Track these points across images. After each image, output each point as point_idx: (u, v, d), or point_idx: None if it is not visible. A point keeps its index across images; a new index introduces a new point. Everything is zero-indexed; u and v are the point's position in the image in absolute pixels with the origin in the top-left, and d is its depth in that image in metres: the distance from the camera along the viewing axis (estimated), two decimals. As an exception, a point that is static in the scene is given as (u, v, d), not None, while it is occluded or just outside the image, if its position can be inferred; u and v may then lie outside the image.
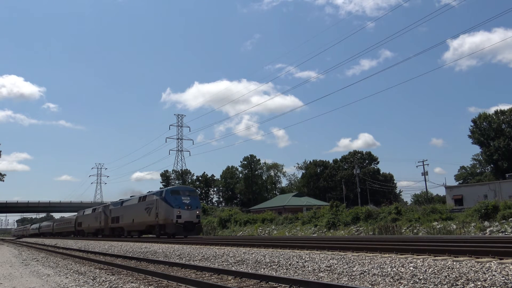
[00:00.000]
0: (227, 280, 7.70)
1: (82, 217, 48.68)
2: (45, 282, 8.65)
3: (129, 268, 10.11)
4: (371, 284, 6.51)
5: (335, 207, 34.31)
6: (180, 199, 26.43)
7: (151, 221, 27.96)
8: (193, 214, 26.32)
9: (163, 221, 26.31)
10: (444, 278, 6.20)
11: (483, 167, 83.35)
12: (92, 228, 43.76)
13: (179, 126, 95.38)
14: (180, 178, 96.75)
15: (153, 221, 27.71)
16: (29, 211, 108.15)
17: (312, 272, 8.15)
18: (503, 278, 5.76)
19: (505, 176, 50.06)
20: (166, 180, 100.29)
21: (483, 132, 69.32)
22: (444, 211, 27.54)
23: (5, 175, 64.40)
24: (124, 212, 34.03)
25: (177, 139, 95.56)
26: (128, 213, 32.96)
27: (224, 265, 10.42)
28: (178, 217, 25.54)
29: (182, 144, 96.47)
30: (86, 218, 46.52)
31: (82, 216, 49.05)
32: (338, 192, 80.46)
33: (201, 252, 13.38)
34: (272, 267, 9.14)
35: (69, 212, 78.66)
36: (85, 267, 11.44)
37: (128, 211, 33.05)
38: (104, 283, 7.86)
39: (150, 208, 28.26)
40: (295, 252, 10.76)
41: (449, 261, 7.43)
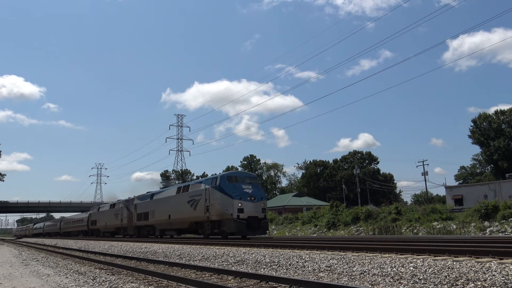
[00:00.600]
0: (227, 280, 7.70)
1: (97, 215, 42.83)
2: (45, 282, 8.65)
3: (129, 268, 10.11)
4: (371, 284, 6.51)
5: (335, 207, 34.34)
6: (240, 188, 20.72)
7: (198, 216, 22.37)
8: (258, 207, 20.66)
9: (217, 217, 20.67)
10: (444, 278, 6.20)
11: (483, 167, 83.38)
12: (110, 226, 38.16)
13: (179, 126, 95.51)
14: (180, 178, 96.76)
15: (200, 217, 22.15)
16: (29, 211, 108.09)
17: (312, 272, 8.15)
18: (503, 278, 5.76)
19: (505, 176, 50.05)
20: (166, 180, 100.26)
21: (483, 132, 69.33)
22: (444, 211, 27.55)
23: (5, 175, 64.61)
24: (155, 206, 28.14)
25: (177, 139, 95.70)
26: (161, 207, 27.15)
27: (224, 265, 10.42)
28: (240, 211, 19.85)
29: (182, 144, 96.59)
30: (103, 216, 40.63)
31: (96, 213, 43.15)
32: (338, 192, 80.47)
33: (201, 252, 13.38)
34: (272, 267, 9.14)
35: (69, 212, 78.49)
36: (85, 267, 11.44)
37: (162, 205, 27.15)
38: (104, 283, 7.86)
39: (196, 201, 22.63)
40: (295, 252, 10.76)
41: (449, 261, 7.42)
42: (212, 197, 21.13)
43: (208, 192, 21.59)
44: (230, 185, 20.81)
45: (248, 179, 21.95)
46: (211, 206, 21.07)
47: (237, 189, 20.59)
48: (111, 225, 37.62)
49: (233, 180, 21.30)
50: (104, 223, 39.77)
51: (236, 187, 20.75)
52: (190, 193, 23.62)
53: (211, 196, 21.27)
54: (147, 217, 29.20)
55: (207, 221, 21.51)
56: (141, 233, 30.77)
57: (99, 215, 41.83)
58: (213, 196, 21.11)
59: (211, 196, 21.29)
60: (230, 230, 20.25)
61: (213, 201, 21.04)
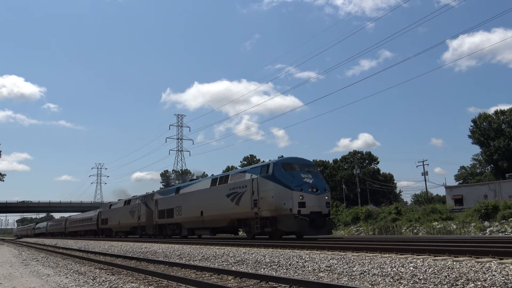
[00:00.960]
0: (227, 280, 7.70)
1: (109, 212, 39.25)
2: (45, 282, 8.65)
3: (129, 268, 10.11)
4: (371, 284, 6.50)
5: (335, 207, 34.33)
6: (299, 177, 17.11)
7: (242, 212, 18.89)
8: (322, 200, 17.00)
9: (271, 212, 17.06)
10: (444, 278, 6.19)
11: (483, 167, 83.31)
12: (124, 225, 34.51)
13: (179, 126, 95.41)
14: (180, 178, 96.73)
15: (245, 213, 18.65)
16: (29, 211, 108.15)
17: (312, 272, 8.15)
18: (503, 278, 5.76)
19: (505, 176, 50.04)
20: (166, 180, 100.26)
21: (483, 132, 69.30)
22: (444, 211, 27.57)
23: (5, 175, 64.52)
24: (183, 202, 24.59)
25: (177, 139, 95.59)
26: (191, 203, 23.65)
27: (224, 265, 10.42)
28: (301, 206, 16.34)
29: (182, 144, 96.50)
30: (115, 214, 37.06)
31: (108, 211, 39.59)
32: (338, 192, 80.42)
33: (201, 252, 13.38)
34: (272, 267, 9.14)
35: (69, 212, 78.45)
36: (85, 267, 11.44)
37: (192, 200, 23.61)
38: (104, 283, 7.86)
39: (239, 194, 19.08)
40: (295, 252, 10.75)
41: (449, 261, 7.42)
42: (263, 189, 17.58)
43: (257, 182, 18.02)
44: (287, 174, 17.17)
45: (306, 167, 18.23)
46: (262, 200, 17.57)
47: (295, 179, 17.00)
48: (126, 224, 34.11)
49: (289, 167, 17.68)
50: (117, 222, 36.39)
51: (294, 176, 17.14)
52: (231, 185, 20.02)
53: (261, 188, 17.72)
54: (171, 214, 25.74)
55: (255, 218, 17.92)
56: (164, 233, 27.21)
57: (111, 213, 38.33)
58: (264, 188, 17.54)
59: (261, 187, 17.73)
60: (288, 229, 16.87)
61: (264, 193, 17.48)
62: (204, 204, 22.14)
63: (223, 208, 20.12)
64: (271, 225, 17.32)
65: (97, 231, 42.90)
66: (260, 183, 17.91)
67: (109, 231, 39.33)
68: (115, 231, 37.71)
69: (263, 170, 18.11)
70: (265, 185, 17.59)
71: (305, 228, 16.24)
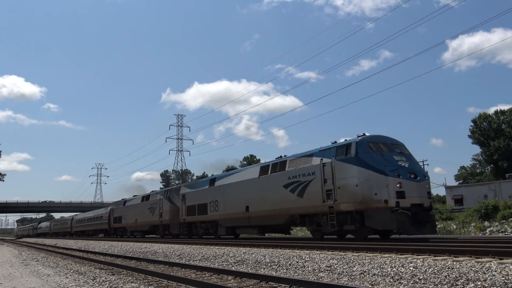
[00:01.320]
0: (227, 280, 7.70)
1: (123, 210, 35.25)
2: (45, 282, 8.65)
3: (129, 268, 10.11)
4: (371, 284, 6.50)
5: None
6: (392, 159, 13.52)
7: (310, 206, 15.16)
8: (423, 190, 13.39)
9: (355, 205, 13.39)
10: (444, 278, 6.20)
11: (483, 167, 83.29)
12: (142, 224, 30.60)
13: (179, 126, 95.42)
14: (180, 178, 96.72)
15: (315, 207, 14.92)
16: (29, 211, 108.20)
17: (312, 272, 8.15)
18: (503, 278, 5.76)
19: (505, 176, 50.03)
20: (166, 180, 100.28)
21: (483, 132, 69.28)
22: (444, 211, 27.56)
23: (5, 175, 64.47)
24: (220, 195, 20.93)
25: (177, 139, 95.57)
26: (231, 197, 20.00)
27: (224, 265, 10.42)
28: (400, 196, 12.73)
29: (182, 144, 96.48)
30: (131, 211, 33.19)
31: (122, 209, 35.67)
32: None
33: (201, 252, 13.38)
34: (272, 267, 9.14)
35: (69, 212, 78.44)
36: (85, 267, 11.45)
37: (232, 193, 19.97)
38: (104, 283, 7.86)
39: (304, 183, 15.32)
40: (295, 252, 10.76)
41: (449, 261, 7.42)
42: (342, 175, 13.90)
43: (331, 168, 14.29)
44: (377, 155, 13.52)
45: (396, 147, 14.49)
46: (340, 190, 13.89)
47: (388, 161, 13.35)
48: (144, 222, 30.13)
49: (377, 147, 13.91)
50: (133, 220, 32.47)
51: (386, 157, 13.51)
52: (290, 172, 16.28)
53: (338, 174, 14.02)
54: (204, 210, 22.21)
55: (328, 213, 14.30)
56: (194, 232, 23.80)
57: (126, 210, 34.48)
58: (343, 174, 13.87)
59: (338, 173, 14.02)
60: (382, 226, 13.22)
61: (343, 181, 13.83)
62: (251, 198, 18.43)
63: (280, 201, 16.55)
64: (354, 222, 13.58)
65: (109, 231, 39.38)
66: (336, 168, 14.13)
67: (123, 231, 35.69)
68: (130, 230, 33.87)
69: (339, 151, 14.36)
70: (344, 170, 13.84)
71: (406, 225, 12.59)
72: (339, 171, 14.13)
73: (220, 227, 21.22)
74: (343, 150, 14.30)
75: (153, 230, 29.61)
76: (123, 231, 35.70)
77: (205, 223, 22.57)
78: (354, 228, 13.85)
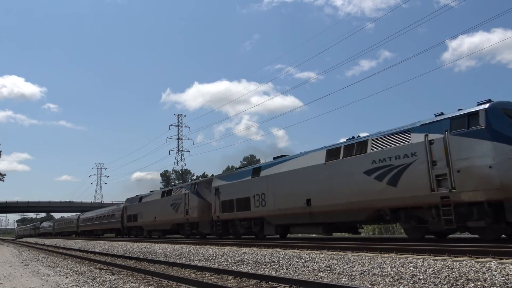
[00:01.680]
0: (227, 280, 7.70)
1: (139, 207, 31.59)
2: (45, 282, 8.65)
3: (129, 268, 10.11)
4: (371, 284, 6.50)
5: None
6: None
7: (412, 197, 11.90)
8: None
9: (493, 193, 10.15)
10: (444, 278, 6.20)
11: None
12: (164, 222, 27.05)
13: (179, 126, 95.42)
14: (180, 178, 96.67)
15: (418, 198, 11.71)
16: (29, 211, 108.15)
17: (312, 272, 8.15)
18: (503, 278, 5.76)
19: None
20: (166, 180, 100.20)
21: (483, 132, 69.31)
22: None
23: (5, 175, 64.41)
24: (267, 188, 17.78)
25: (177, 139, 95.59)
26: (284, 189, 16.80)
27: (224, 265, 10.42)
28: None
29: (182, 144, 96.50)
30: (149, 208, 29.64)
31: (137, 206, 31.87)
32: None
33: (201, 252, 13.38)
34: (272, 267, 9.14)
35: (69, 212, 78.41)
36: (85, 267, 11.45)
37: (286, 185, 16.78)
38: (104, 283, 7.86)
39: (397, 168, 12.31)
40: (295, 252, 10.76)
41: (449, 261, 7.42)
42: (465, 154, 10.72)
43: (445, 144, 11.14)
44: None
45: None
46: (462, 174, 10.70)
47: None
48: (165, 221, 26.70)
49: None
50: (151, 218, 28.98)
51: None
52: (373, 155, 13.09)
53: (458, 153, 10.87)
54: (245, 206, 18.92)
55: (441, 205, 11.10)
56: (231, 231, 20.52)
57: (142, 207, 30.89)
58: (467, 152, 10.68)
59: (457, 152, 10.88)
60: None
61: (468, 161, 10.63)
62: (314, 189, 15.34)
63: (359, 192, 13.48)
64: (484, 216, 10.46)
65: (122, 230, 35.67)
66: (453, 145, 11.00)
67: (138, 230, 31.99)
68: (147, 229, 30.18)
69: (456, 124, 11.16)
70: (468, 147, 10.70)
71: None
72: (457, 150, 10.94)
73: (268, 225, 18.19)
74: (463, 122, 11.06)
75: (176, 229, 26.39)
76: (138, 230, 32.01)
77: (246, 220, 19.37)
78: (484, 225, 10.55)
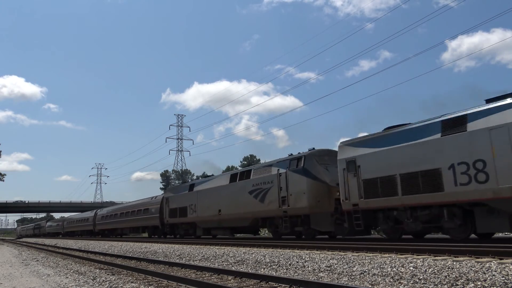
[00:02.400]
0: (227, 280, 7.70)
1: (189, 198, 23.63)
2: (45, 282, 8.65)
3: (129, 268, 10.11)
4: (371, 284, 6.50)
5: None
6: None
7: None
8: None
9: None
10: (444, 278, 6.20)
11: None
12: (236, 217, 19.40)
13: (179, 126, 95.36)
14: (180, 178, 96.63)
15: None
16: (29, 211, 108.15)
17: (312, 272, 8.15)
18: (503, 278, 5.76)
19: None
20: (166, 180, 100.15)
21: (483, 132, 69.29)
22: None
23: (5, 175, 64.33)
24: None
25: (177, 139, 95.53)
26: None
27: (224, 265, 10.41)
28: None
29: (182, 144, 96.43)
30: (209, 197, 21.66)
31: (187, 196, 23.96)
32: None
33: (201, 252, 13.38)
34: (272, 267, 9.13)
35: (69, 212, 78.29)
36: (85, 267, 11.44)
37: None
38: (104, 283, 7.86)
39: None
40: (295, 252, 10.76)
41: (449, 261, 7.43)
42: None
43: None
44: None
45: None
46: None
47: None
48: (239, 214, 18.98)
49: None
50: (212, 212, 21.04)
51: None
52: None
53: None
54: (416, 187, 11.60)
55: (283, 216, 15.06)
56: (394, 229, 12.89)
57: (196, 197, 22.82)
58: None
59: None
60: None
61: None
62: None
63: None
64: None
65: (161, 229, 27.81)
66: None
67: (188, 228, 24.16)
68: (205, 227, 22.50)
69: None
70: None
71: None
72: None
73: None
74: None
75: (260, 224, 19.04)
76: (188, 228, 24.24)
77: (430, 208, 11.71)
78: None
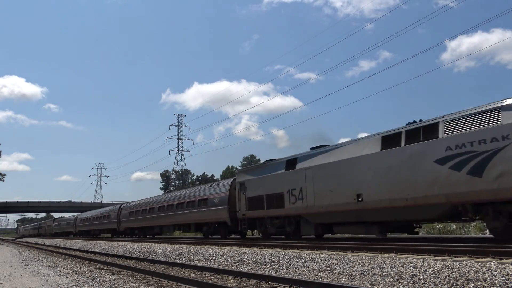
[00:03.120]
0: (227, 280, 7.70)
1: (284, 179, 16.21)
2: (45, 282, 8.65)
3: (129, 268, 10.11)
4: (371, 284, 6.50)
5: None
6: None
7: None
8: None
9: None
10: (444, 278, 6.20)
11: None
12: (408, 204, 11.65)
13: (179, 126, 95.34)
14: (180, 178, 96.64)
15: None
16: (29, 211, 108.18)
17: (312, 272, 8.15)
18: (503, 278, 5.76)
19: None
20: (166, 180, 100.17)
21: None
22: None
23: (5, 175, 64.42)
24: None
25: (177, 139, 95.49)
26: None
27: (224, 265, 10.41)
28: None
29: (182, 144, 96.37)
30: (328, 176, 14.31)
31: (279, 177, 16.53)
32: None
33: (201, 252, 13.38)
34: (272, 267, 9.13)
35: (69, 212, 78.24)
36: (85, 267, 11.44)
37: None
38: (104, 283, 7.86)
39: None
40: (295, 252, 10.76)
41: (449, 261, 7.42)
42: None
43: None
44: None
45: None
46: None
47: None
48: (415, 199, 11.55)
49: None
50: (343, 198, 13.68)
51: None
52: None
53: None
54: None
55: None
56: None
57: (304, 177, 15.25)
58: None
59: None
60: None
61: None
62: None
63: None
64: None
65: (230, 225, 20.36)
66: None
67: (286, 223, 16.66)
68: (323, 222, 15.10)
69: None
70: None
71: None
72: None
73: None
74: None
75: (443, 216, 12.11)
76: (283, 224, 16.78)
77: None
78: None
